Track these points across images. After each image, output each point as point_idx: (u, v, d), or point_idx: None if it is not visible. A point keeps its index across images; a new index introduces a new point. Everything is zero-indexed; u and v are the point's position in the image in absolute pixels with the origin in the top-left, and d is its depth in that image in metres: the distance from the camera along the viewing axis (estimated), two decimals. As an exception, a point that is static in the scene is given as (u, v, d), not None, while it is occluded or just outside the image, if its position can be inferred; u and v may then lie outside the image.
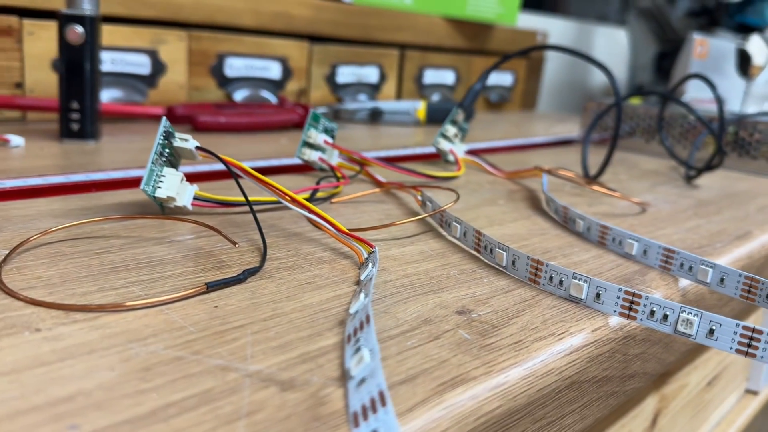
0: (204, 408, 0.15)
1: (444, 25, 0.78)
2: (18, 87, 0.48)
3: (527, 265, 0.24)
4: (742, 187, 0.50)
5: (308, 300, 0.21)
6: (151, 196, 0.27)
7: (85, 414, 0.14)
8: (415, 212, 0.33)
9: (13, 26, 0.47)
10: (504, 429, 0.18)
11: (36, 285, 0.20)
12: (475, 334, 0.20)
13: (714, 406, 0.48)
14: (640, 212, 0.38)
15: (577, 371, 0.20)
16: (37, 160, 0.37)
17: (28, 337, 0.17)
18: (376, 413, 0.14)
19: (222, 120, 0.52)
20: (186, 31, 0.56)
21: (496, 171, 0.45)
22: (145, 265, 0.23)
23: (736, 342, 0.20)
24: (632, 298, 0.21)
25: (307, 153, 0.38)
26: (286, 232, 0.28)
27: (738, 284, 0.25)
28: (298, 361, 0.17)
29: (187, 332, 0.18)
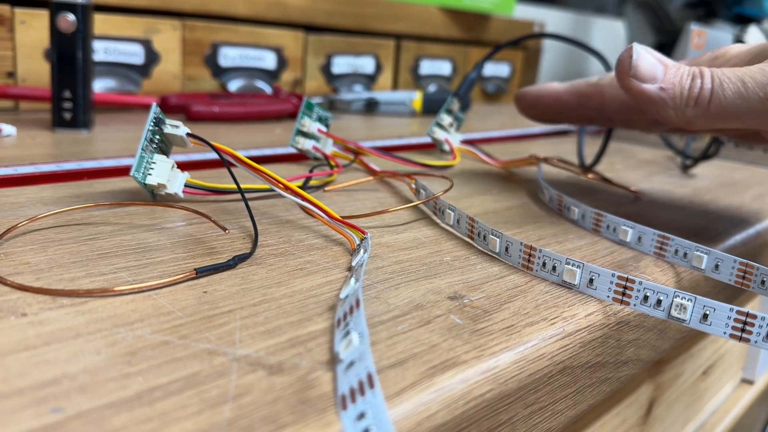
0: (190, 391, 0.14)
1: (440, 16, 0.78)
2: (10, 76, 0.48)
3: (520, 252, 0.24)
4: (738, 177, 0.50)
5: (299, 286, 0.21)
6: (142, 182, 0.26)
7: (69, 397, 0.14)
8: (408, 200, 0.33)
9: (4, 15, 0.46)
10: (495, 413, 0.17)
11: (23, 271, 0.20)
12: (467, 319, 0.20)
13: (709, 395, 0.48)
14: (635, 200, 0.38)
15: (570, 356, 0.20)
16: (28, 149, 0.36)
17: (13, 322, 0.17)
18: (364, 396, 0.14)
19: (216, 110, 0.52)
20: (180, 21, 0.55)
21: (492, 160, 0.45)
22: (134, 252, 0.22)
23: (730, 327, 0.20)
24: (625, 284, 0.21)
25: (301, 142, 0.37)
26: (278, 220, 0.28)
27: (733, 270, 0.25)
28: (287, 346, 0.17)
29: (175, 317, 0.18)
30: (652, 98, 0.26)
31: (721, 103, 0.26)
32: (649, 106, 0.27)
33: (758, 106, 0.25)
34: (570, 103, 0.35)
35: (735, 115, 0.26)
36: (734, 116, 0.26)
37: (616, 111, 0.34)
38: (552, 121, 0.38)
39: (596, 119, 0.37)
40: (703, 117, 0.26)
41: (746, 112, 0.25)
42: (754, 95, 0.25)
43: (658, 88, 0.26)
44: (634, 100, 0.27)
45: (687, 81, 0.26)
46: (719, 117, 0.26)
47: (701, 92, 0.26)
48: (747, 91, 0.25)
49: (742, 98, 0.25)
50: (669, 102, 0.26)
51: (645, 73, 0.27)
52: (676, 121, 0.27)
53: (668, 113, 0.27)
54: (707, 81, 0.26)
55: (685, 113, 0.26)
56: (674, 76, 0.26)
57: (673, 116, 0.27)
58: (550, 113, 0.37)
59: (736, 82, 0.25)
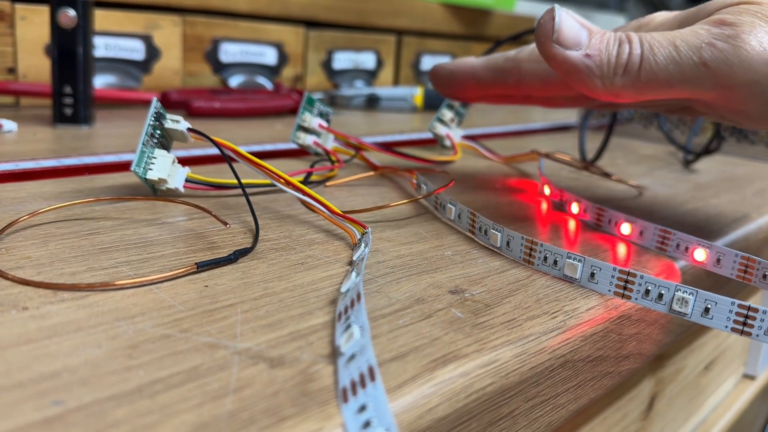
0: (191, 384, 0.14)
1: (441, 11, 0.78)
2: (11, 72, 0.48)
3: (522, 246, 0.24)
4: (740, 172, 0.50)
5: (300, 280, 0.21)
6: (142, 177, 0.26)
7: (70, 390, 0.14)
8: (410, 195, 0.33)
9: (5, 11, 0.46)
10: (496, 407, 0.17)
11: (24, 265, 0.20)
12: (468, 312, 0.20)
13: (711, 390, 0.48)
14: (637, 195, 0.38)
15: (571, 350, 0.20)
16: (29, 145, 0.36)
17: (14, 316, 0.17)
18: (365, 388, 0.14)
19: (217, 105, 0.52)
20: (180, 16, 0.55)
21: (493, 155, 0.45)
22: (135, 246, 0.22)
23: (731, 321, 0.20)
24: (627, 278, 0.21)
25: (302, 137, 0.37)
26: (279, 214, 0.28)
27: (734, 264, 0.25)
28: (288, 339, 0.17)
29: (176, 311, 0.18)
30: (576, 66, 0.24)
31: (652, 70, 0.23)
32: (573, 77, 0.24)
33: (693, 72, 0.23)
34: (487, 80, 0.32)
35: (668, 83, 0.23)
36: (667, 84, 0.23)
37: (535, 87, 0.31)
38: (469, 99, 0.35)
39: (515, 97, 0.34)
40: (633, 86, 0.24)
41: (680, 80, 0.23)
42: (687, 60, 0.23)
43: (583, 54, 0.24)
44: (557, 69, 0.25)
45: (614, 47, 0.24)
46: (650, 86, 0.24)
47: (630, 58, 0.23)
48: (680, 56, 0.23)
49: (675, 64, 0.23)
50: (595, 70, 0.24)
51: (568, 38, 0.24)
52: (603, 93, 0.24)
53: (594, 83, 0.24)
54: (636, 46, 0.23)
55: (613, 83, 0.24)
56: (600, 42, 0.24)
57: (600, 86, 0.24)
58: (467, 90, 0.34)
59: (667, 46, 0.23)
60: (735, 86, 0.23)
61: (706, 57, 0.23)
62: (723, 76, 0.23)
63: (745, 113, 0.25)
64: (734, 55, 0.22)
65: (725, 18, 0.23)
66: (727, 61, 0.22)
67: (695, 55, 0.23)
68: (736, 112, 0.25)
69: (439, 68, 0.34)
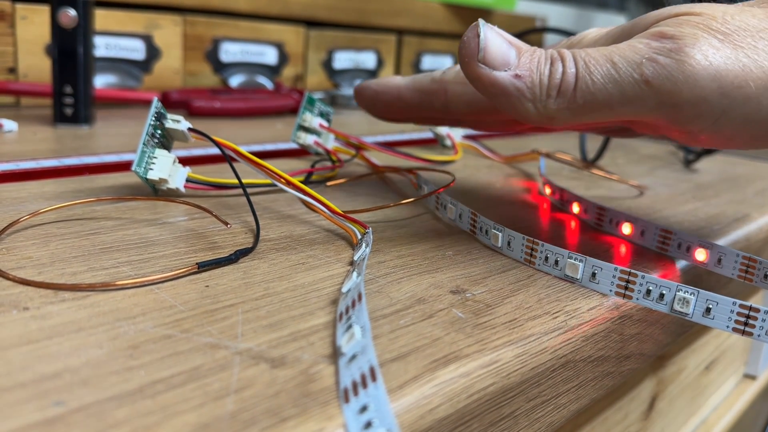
0: (192, 384, 0.14)
1: (442, 10, 0.78)
2: (11, 72, 0.48)
3: (523, 246, 0.24)
4: (741, 171, 0.50)
5: (301, 280, 0.21)
6: (143, 177, 0.26)
7: (71, 390, 0.14)
8: (410, 195, 0.33)
9: (5, 11, 0.46)
10: (497, 407, 0.17)
11: (25, 265, 0.20)
12: (469, 313, 0.20)
13: (712, 390, 0.48)
14: (638, 195, 0.38)
15: (572, 350, 0.20)
16: (29, 145, 0.36)
17: (15, 316, 0.17)
18: (366, 389, 0.14)
19: (217, 105, 0.52)
20: (181, 16, 0.55)
21: (494, 155, 0.45)
22: (136, 246, 0.22)
23: (732, 320, 0.20)
24: (628, 278, 0.21)
25: (303, 137, 0.37)
26: (279, 214, 0.28)
27: (736, 264, 0.25)
28: (289, 339, 0.17)
29: (177, 311, 0.18)
30: (505, 88, 0.21)
31: (589, 90, 0.21)
32: (502, 100, 0.22)
33: (634, 90, 0.21)
34: (413, 102, 0.30)
35: (607, 104, 0.21)
36: (606, 105, 0.21)
37: (462, 111, 0.29)
38: (397, 120, 0.32)
39: (444, 120, 0.31)
40: (569, 110, 0.21)
41: (620, 100, 0.21)
42: (627, 77, 0.21)
43: (512, 75, 0.21)
44: (484, 92, 0.22)
45: (546, 66, 0.21)
46: (588, 108, 0.21)
47: (564, 78, 0.21)
48: (619, 73, 0.21)
49: (614, 82, 0.21)
50: (526, 93, 0.21)
51: (495, 57, 0.21)
52: (536, 118, 0.22)
53: (526, 107, 0.22)
54: (570, 64, 0.21)
55: (546, 106, 0.21)
56: (530, 61, 0.22)
57: (532, 111, 0.22)
58: (392, 112, 0.31)
59: (604, 63, 0.21)
60: (681, 105, 0.21)
61: (648, 74, 0.20)
62: (667, 94, 0.21)
63: (692, 133, 0.23)
64: (678, 70, 0.20)
65: (665, 30, 0.21)
66: (670, 77, 0.20)
67: (636, 72, 0.21)
68: (683, 133, 0.23)
69: (363, 88, 0.31)
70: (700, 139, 0.24)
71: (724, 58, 0.20)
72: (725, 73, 0.20)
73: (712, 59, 0.20)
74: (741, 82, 0.20)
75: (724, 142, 0.23)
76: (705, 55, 0.20)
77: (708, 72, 0.20)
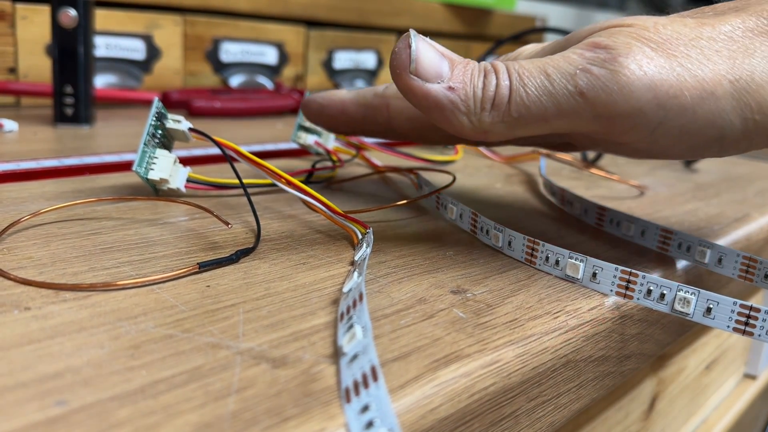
0: (193, 384, 0.14)
1: (442, 11, 0.78)
2: (11, 72, 0.48)
3: (523, 246, 0.24)
4: (741, 171, 0.50)
5: (302, 280, 0.21)
6: (144, 177, 0.26)
7: (73, 390, 0.14)
8: (411, 195, 0.33)
9: (6, 11, 0.46)
10: (498, 407, 0.17)
11: (26, 265, 0.20)
12: (470, 313, 0.20)
13: (712, 390, 0.48)
14: (638, 195, 0.38)
15: (573, 350, 0.20)
16: (30, 145, 0.36)
17: (17, 316, 0.17)
18: (368, 388, 0.14)
19: (217, 105, 0.52)
20: (181, 16, 0.55)
21: (494, 155, 0.45)
22: (136, 246, 0.22)
23: (733, 320, 0.20)
24: (629, 277, 0.21)
25: (303, 137, 0.37)
26: (280, 214, 0.28)
27: (736, 264, 0.25)
28: (291, 339, 0.17)
29: (178, 311, 0.18)
30: (438, 101, 0.21)
31: (523, 103, 0.21)
32: (436, 114, 0.21)
33: (568, 102, 0.20)
34: (356, 116, 0.29)
35: (542, 117, 0.21)
36: (541, 118, 0.21)
37: (404, 126, 0.28)
38: (344, 132, 0.32)
39: (388, 134, 0.30)
40: (504, 123, 0.21)
41: (555, 112, 0.21)
42: (561, 89, 0.20)
43: (445, 88, 0.21)
44: (417, 105, 0.22)
45: (479, 78, 0.21)
46: (523, 121, 0.21)
47: (498, 91, 0.21)
48: (553, 85, 0.20)
49: (549, 94, 0.20)
50: (460, 105, 0.21)
51: (428, 69, 0.21)
52: (470, 132, 0.21)
53: (460, 120, 0.21)
54: (503, 77, 0.21)
55: (481, 120, 0.21)
56: (463, 73, 0.21)
57: (466, 124, 0.21)
58: (338, 125, 0.31)
59: (538, 75, 0.21)
60: (616, 116, 0.20)
61: (582, 85, 0.20)
62: (602, 106, 0.20)
63: (630, 145, 0.23)
64: (613, 81, 0.20)
65: (599, 41, 0.21)
66: (605, 88, 0.20)
67: (570, 84, 0.20)
68: (620, 145, 0.23)
69: (310, 101, 0.31)
70: (637, 151, 0.23)
71: (659, 68, 0.20)
72: (660, 82, 0.20)
73: (646, 69, 0.20)
74: (676, 91, 0.20)
75: (661, 152, 0.23)
76: (639, 64, 0.20)
77: (643, 82, 0.20)
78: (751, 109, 0.21)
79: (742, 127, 0.21)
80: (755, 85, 0.20)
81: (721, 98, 0.20)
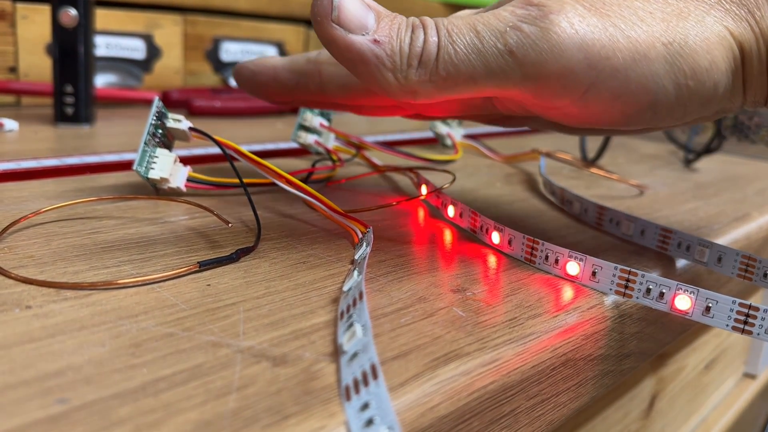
0: (194, 382, 0.15)
1: (442, 10, 0.78)
2: (12, 71, 0.48)
3: (523, 245, 0.24)
4: (741, 171, 0.50)
5: (302, 279, 0.21)
6: (144, 176, 0.26)
7: (74, 388, 0.14)
8: (411, 194, 0.33)
9: (6, 10, 0.46)
10: (498, 405, 0.18)
11: (27, 264, 0.20)
12: (470, 311, 0.20)
13: (712, 389, 0.48)
14: (638, 195, 0.38)
15: (572, 349, 0.20)
16: (30, 144, 0.36)
17: (18, 314, 0.17)
18: (367, 386, 0.14)
19: (218, 104, 0.52)
20: (181, 15, 0.55)
21: (494, 155, 0.45)
22: (137, 245, 0.22)
23: (732, 319, 0.20)
24: (628, 276, 0.21)
25: (303, 136, 0.37)
26: (280, 214, 0.28)
27: (735, 263, 0.25)
28: (291, 338, 0.17)
29: (179, 309, 0.18)
30: (363, 54, 0.20)
31: (452, 61, 0.20)
32: (360, 69, 0.20)
33: (498, 62, 0.20)
34: (289, 83, 0.28)
35: (471, 77, 0.20)
36: (470, 78, 0.20)
37: (337, 94, 0.27)
38: (279, 102, 0.31)
39: (322, 103, 0.30)
40: (432, 82, 0.20)
41: (484, 72, 0.20)
42: (491, 48, 0.19)
43: (370, 40, 0.20)
44: (340, 58, 0.20)
45: (406, 33, 0.20)
46: (451, 81, 0.20)
47: (426, 47, 0.20)
48: (483, 43, 0.20)
49: (478, 53, 0.20)
50: (386, 61, 0.20)
51: (351, 19, 0.20)
52: (397, 90, 0.20)
53: (386, 77, 0.20)
54: (431, 32, 0.20)
55: (407, 77, 0.20)
56: (389, 27, 0.20)
57: (392, 82, 0.20)
58: (271, 95, 0.29)
59: (468, 32, 0.20)
60: (546, 77, 0.20)
61: (512, 43, 0.19)
62: (532, 65, 0.20)
63: (561, 110, 0.22)
64: (543, 39, 0.19)
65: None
66: (535, 47, 0.19)
67: (499, 42, 0.19)
68: (551, 109, 0.22)
69: (242, 68, 0.29)
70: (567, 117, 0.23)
71: (591, 27, 0.19)
72: (592, 42, 0.19)
73: (578, 27, 0.19)
74: (608, 52, 0.20)
75: (594, 119, 0.22)
76: (571, 23, 0.19)
77: (574, 41, 0.19)
78: (685, 74, 0.20)
79: (675, 93, 0.20)
80: (689, 49, 0.20)
81: (654, 61, 0.20)
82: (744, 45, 0.21)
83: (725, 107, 0.22)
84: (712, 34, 0.20)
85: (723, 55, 0.20)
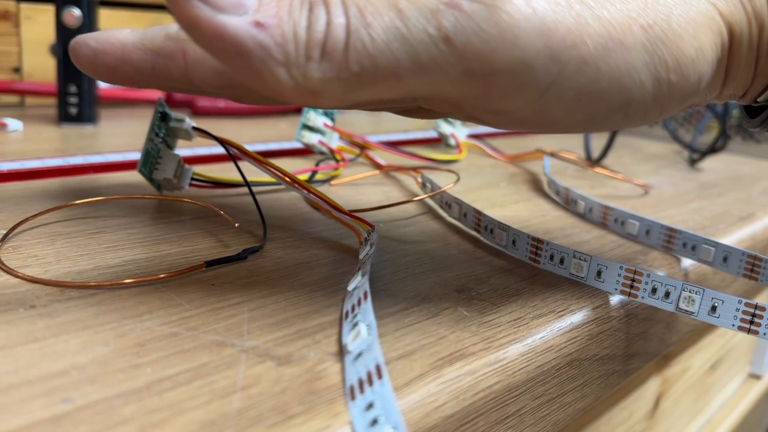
0: (198, 382, 0.14)
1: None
2: (16, 72, 0.48)
3: (527, 245, 0.24)
4: (746, 171, 0.49)
5: (306, 279, 0.21)
6: (148, 178, 0.26)
7: (78, 388, 0.14)
8: (415, 194, 0.33)
9: (10, 11, 0.46)
10: (503, 405, 0.17)
11: (32, 264, 0.20)
12: (475, 311, 0.20)
13: (717, 389, 0.48)
14: (642, 194, 0.38)
15: (578, 348, 0.20)
16: (35, 144, 0.36)
17: (22, 314, 0.17)
18: (372, 386, 0.14)
19: (221, 105, 0.52)
20: (185, 16, 0.55)
21: (498, 154, 0.45)
22: (141, 245, 0.22)
23: (738, 319, 0.20)
24: (633, 276, 0.21)
25: (307, 136, 0.37)
26: (284, 213, 0.28)
27: (741, 263, 0.25)
28: (295, 337, 0.17)
29: (183, 309, 0.18)
30: (240, 44, 0.14)
31: (366, 51, 0.14)
32: (239, 63, 0.14)
33: (429, 52, 0.14)
34: (143, 67, 0.20)
35: (393, 73, 0.14)
36: (392, 74, 0.15)
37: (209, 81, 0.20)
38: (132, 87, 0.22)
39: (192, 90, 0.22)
40: (340, 80, 0.14)
41: (411, 66, 0.14)
42: (419, 33, 0.14)
43: (250, 23, 0.14)
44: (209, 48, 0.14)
45: (301, 14, 0.14)
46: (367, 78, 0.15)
47: (330, 31, 0.14)
48: (407, 26, 0.14)
49: (401, 40, 0.14)
50: (275, 52, 0.14)
51: None
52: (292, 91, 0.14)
53: (276, 75, 0.14)
54: (337, 11, 0.14)
55: (306, 75, 0.14)
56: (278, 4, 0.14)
57: (286, 81, 0.14)
58: (122, 79, 0.21)
59: (387, 11, 0.14)
60: (494, 73, 0.15)
61: (447, 26, 0.14)
62: (476, 57, 0.15)
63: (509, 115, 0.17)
64: (490, 21, 0.14)
65: None
66: (479, 32, 0.14)
67: (431, 24, 0.14)
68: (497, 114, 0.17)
69: (80, 44, 0.21)
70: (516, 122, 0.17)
71: (552, 5, 0.15)
72: (554, 25, 0.15)
73: (536, 5, 0.15)
74: (575, 38, 0.15)
75: (549, 124, 0.17)
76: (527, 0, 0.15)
77: (531, 24, 0.14)
78: (667, 67, 0.16)
79: (653, 90, 0.16)
80: (672, 33, 0.16)
81: (631, 49, 0.16)
82: (734, 27, 0.17)
83: (695, 102, 0.19)
84: (698, 13, 0.16)
85: (711, 42, 0.17)
